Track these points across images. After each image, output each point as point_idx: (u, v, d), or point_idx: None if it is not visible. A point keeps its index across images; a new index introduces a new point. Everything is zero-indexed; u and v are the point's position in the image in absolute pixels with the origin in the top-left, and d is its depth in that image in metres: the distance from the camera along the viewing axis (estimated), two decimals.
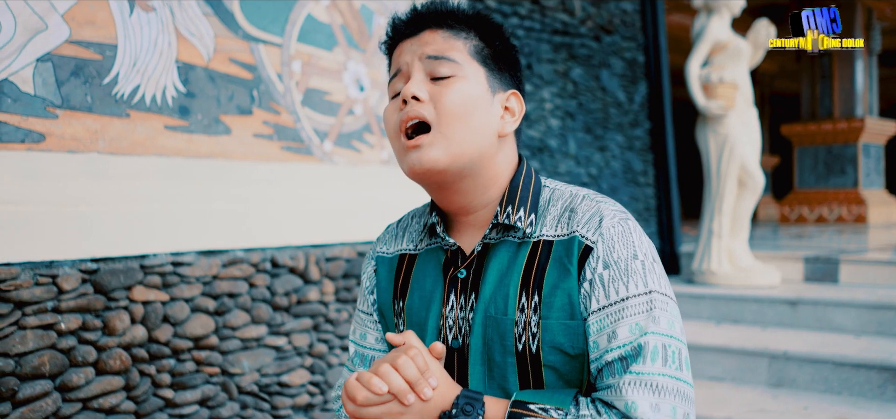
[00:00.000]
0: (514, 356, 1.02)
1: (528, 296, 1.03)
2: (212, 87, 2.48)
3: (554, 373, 1.02)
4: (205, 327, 2.33)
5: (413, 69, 1.07)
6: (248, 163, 2.57)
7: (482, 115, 1.06)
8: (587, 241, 1.02)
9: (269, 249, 2.56)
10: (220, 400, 2.37)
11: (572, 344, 1.01)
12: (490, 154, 1.08)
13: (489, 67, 1.09)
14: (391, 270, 1.20)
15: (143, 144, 2.29)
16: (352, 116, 2.98)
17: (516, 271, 1.05)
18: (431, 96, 1.05)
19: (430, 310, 1.11)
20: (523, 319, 1.02)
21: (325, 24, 2.89)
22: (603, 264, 1.00)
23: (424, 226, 1.16)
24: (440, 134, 1.03)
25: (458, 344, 1.07)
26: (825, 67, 9.48)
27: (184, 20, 2.40)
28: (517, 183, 1.10)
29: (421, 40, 1.08)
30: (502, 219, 1.07)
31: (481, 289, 1.06)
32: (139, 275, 2.18)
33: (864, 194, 9.10)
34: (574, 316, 1.00)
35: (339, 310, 2.78)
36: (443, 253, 1.13)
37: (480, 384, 1.05)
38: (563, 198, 1.09)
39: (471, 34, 1.09)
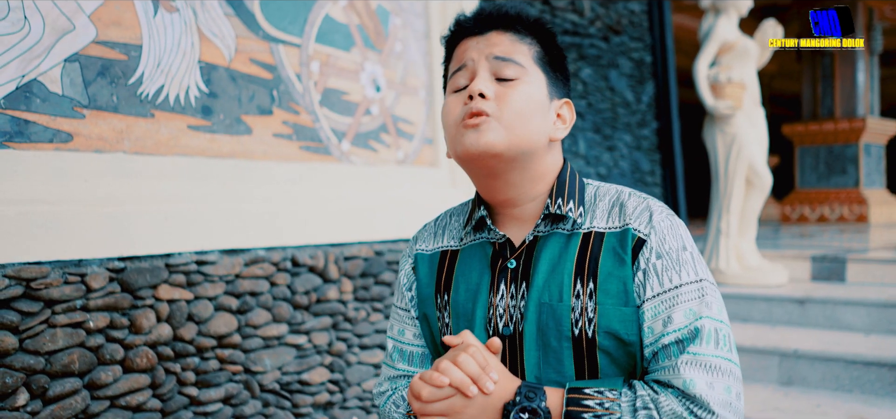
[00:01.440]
0: (570, 341, 1.07)
1: (583, 283, 1.07)
2: (233, 88, 2.49)
3: (607, 357, 1.07)
4: (228, 326, 2.35)
5: (479, 67, 1.11)
6: (269, 162, 2.58)
7: (538, 118, 1.11)
8: (640, 234, 1.07)
9: (289, 248, 2.58)
10: (243, 398, 2.39)
11: (626, 330, 1.05)
12: (540, 155, 1.13)
13: (548, 74, 1.14)
14: (433, 266, 1.23)
15: (166, 144, 2.30)
16: (369, 116, 2.99)
17: (569, 260, 1.09)
18: (496, 95, 1.09)
19: (477, 301, 1.14)
20: (579, 305, 1.06)
21: (343, 25, 2.91)
22: (656, 254, 1.06)
23: (468, 220, 1.20)
24: (501, 122, 1.07)
25: (510, 331, 1.11)
26: (826, 67, 9.51)
27: (206, 21, 2.42)
28: (564, 178, 1.16)
29: (488, 40, 1.12)
30: (554, 210, 1.11)
31: (534, 278, 1.10)
32: (164, 273, 2.19)
33: (865, 194, 9.13)
34: (628, 303, 1.05)
35: (358, 309, 2.79)
36: (490, 246, 1.17)
37: (536, 369, 1.09)
38: (610, 194, 1.15)
39: (534, 40, 1.14)
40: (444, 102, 1.16)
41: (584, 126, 4.21)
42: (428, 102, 3.28)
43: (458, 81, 1.14)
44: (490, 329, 1.12)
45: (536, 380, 1.08)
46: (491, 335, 1.11)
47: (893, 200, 9.74)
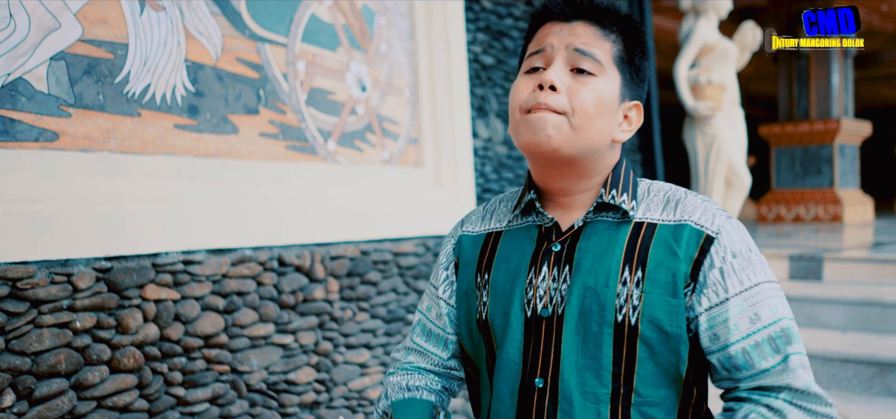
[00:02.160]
0: (611, 327, 1.07)
1: (631, 270, 1.08)
2: (220, 87, 2.48)
3: (648, 349, 1.07)
4: (215, 325, 2.34)
5: (557, 55, 1.11)
6: (255, 162, 2.58)
7: (606, 118, 1.11)
8: (708, 231, 1.08)
9: (275, 248, 2.57)
10: (230, 398, 2.38)
11: (671, 321, 1.06)
12: (601, 153, 1.13)
13: (624, 75, 1.14)
14: (476, 247, 1.25)
15: (153, 143, 2.29)
16: (354, 116, 3.00)
17: (618, 247, 1.10)
18: (568, 89, 1.08)
19: (516, 281, 1.16)
20: (625, 292, 1.07)
21: (329, 25, 2.91)
22: (731, 253, 1.07)
23: (517, 204, 1.22)
24: (568, 122, 1.07)
25: (548, 313, 1.11)
26: (802, 69, 9.65)
27: (192, 19, 2.41)
28: (619, 172, 1.16)
29: (572, 29, 1.12)
30: (607, 199, 1.12)
31: (579, 262, 1.11)
32: (151, 273, 2.18)
33: (839, 194, 9.27)
34: (676, 294, 1.06)
35: (344, 309, 2.80)
36: (536, 229, 1.18)
37: (574, 353, 1.09)
38: (664, 189, 1.16)
39: (618, 38, 1.13)
40: (515, 80, 1.15)
41: None
42: (412, 102, 3.29)
43: (533, 62, 1.13)
44: (528, 309, 1.12)
45: (573, 366, 1.09)
46: (528, 315, 1.12)
47: (867, 200, 9.91)
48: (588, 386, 1.07)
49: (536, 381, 1.10)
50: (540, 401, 1.10)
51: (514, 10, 3.87)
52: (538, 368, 1.11)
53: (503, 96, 3.76)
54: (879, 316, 3.95)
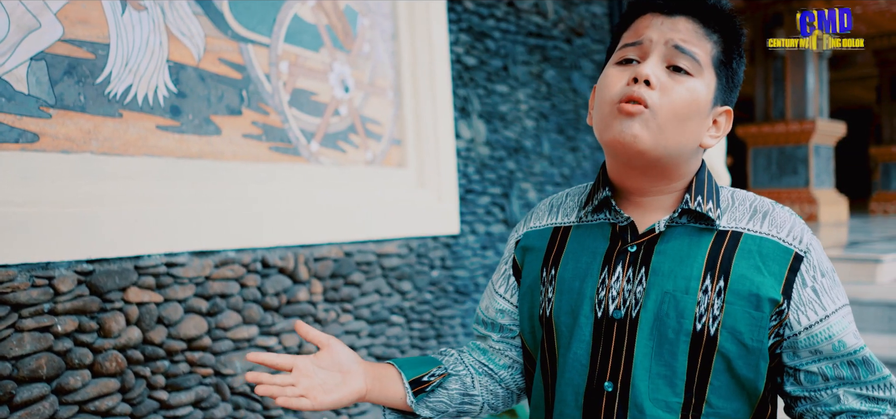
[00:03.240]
0: (689, 336, 1.04)
1: (713, 279, 1.04)
2: (202, 87, 2.46)
3: (725, 362, 1.04)
4: (198, 328, 2.32)
5: (654, 49, 1.06)
6: (238, 163, 2.56)
7: (696, 122, 1.07)
8: (797, 249, 1.06)
9: (259, 250, 2.56)
10: (214, 401, 2.36)
11: (752, 335, 1.03)
12: (686, 157, 1.09)
13: (721, 78, 1.09)
14: (543, 241, 1.22)
15: (135, 144, 2.26)
16: (337, 117, 2.99)
17: (701, 254, 1.06)
18: (662, 85, 1.04)
19: (585, 279, 1.12)
20: (706, 300, 1.04)
21: (311, 25, 2.90)
22: (820, 273, 1.06)
23: (588, 199, 1.18)
24: (656, 121, 1.03)
25: (621, 315, 1.08)
26: (778, 70, 9.76)
27: (174, 19, 2.39)
28: (703, 177, 1.12)
29: (673, 24, 1.07)
30: (694, 207, 1.08)
31: (658, 266, 1.07)
32: (133, 276, 2.16)
33: (815, 193, 9.39)
34: (759, 307, 1.03)
35: (328, 310, 2.79)
36: (609, 227, 1.14)
37: (647, 359, 1.06)
38: (749, 198, 1.13)
39: (720, 38, 1.08)
40: (604, 71, 1.11)
41: (548, 127, 4.26)
42: (395, 103, 3.29)
43: (626, 53, 1.09)
44: (599, 309, 1.09)
45: (645, 371, 1.05)
46: (599, 316, 1.09)
47: (842, 200, 10.05)
48: (660, 393, 1.05)
49: (606, 385, 1.08)
50: (609, 405, 1.07)
51: (496, 11, 3.88)
52: (608, 371, 1.08)
53: (486, 97, 3.76)
54: (855, 314, 4.01)
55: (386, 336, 3.06)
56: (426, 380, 1.23)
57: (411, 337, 3.20)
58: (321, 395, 1.08)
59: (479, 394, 1.31)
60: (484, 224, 3.71)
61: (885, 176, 12.59)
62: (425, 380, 1.23)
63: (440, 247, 3.39)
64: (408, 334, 3.18)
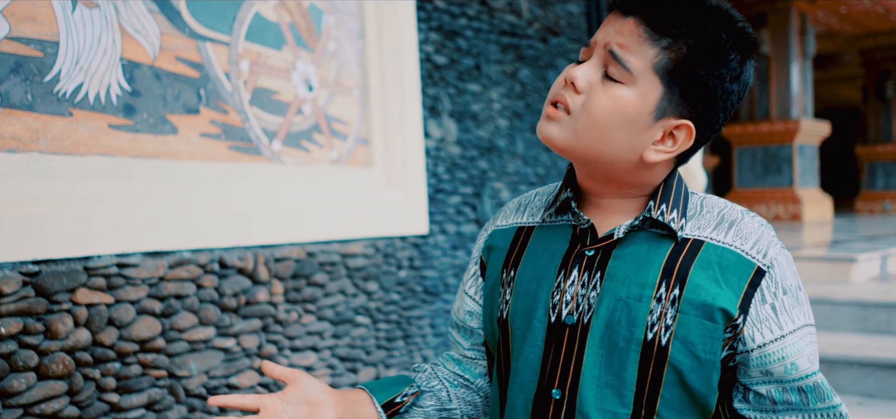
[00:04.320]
0: (639, 345, 1.00)
1: (668, 287, 1.00)
2: (158, 86, 2.43)
3: (676, 374, 1.00)
4: (151, 329, 2.29)
5: (596, 53, 1.03)
6: (196, 162, 2.53)
7: (625, 133, 1.00)
8: (759, 263, 1.01)
9: (216, 250, 2.53)
10: (167, 403, 2.34)
11: (705, 347, 0.99)
12: (627, 168, 1.04)
13: (671, 88, 0.99)
14: (506, 240, 1.19)
15: (86, 144, 2.24)
16: (301, 116, 2.96)
17: (658, 261, 1.02)
18: (589, 89, 1.01)
19: (542, 282, 1.09)
20: (659, 309, 1.00)
21: (274, 23, 2.87)
22: (782, 290, 1.01)
23: (554, 201, 1.14)
24: (572, 126, 1.01)
25: (573, 320, 1.05)
26: (762, 70, 9.77)
27: (129, 17, 2.36)
28: (671, 184, 1.07)
29: (620, 27, 1.00)
30: (656, 215, 1.04)
31: (614, 271, 1.04)
32: (83, 277, 2.13)
33: (799, 193, 9.41)
34: (713, 318, 0.99)
35: (289, 311, 2.76)
36: (570, 229, 1.11)
37: (596, 367, 1.02)
38: (718, 206, 1.08)
39: (678, 45, 0.98)
40: None
41: (522, 127, 4.24)
42: (362, 102, 3.26)
43: (581, 53, 1.06)
44: (553, 314, 1.06)
45: (594, 380, 1.02)
46: (552, 321, 1.06)
47: (826, 199, 10.07)
48: (607, 403, 1.01)
49: (553, 392, 1.05)
50: (555, 413, 1.04)
51: (468, 9, 3.86)
52: (557, 378, 1.05)
53: (457, 96, 3.74)
54: (828, 313, 4.01)
55: (351, 337, 3.04)
56: (399, 402, 1.20)
57: (377, 337, 3.18)
58: None
59: (456, 407, 1.28)
60: (454, 224, 3.69)
61: (871, 175, 12.63)
62: (398, 402, 1.20)
63: (408, 247, 3.36)
64: (374, 335, 3.16)
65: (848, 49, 13.07)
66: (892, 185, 12.38)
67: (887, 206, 12.26)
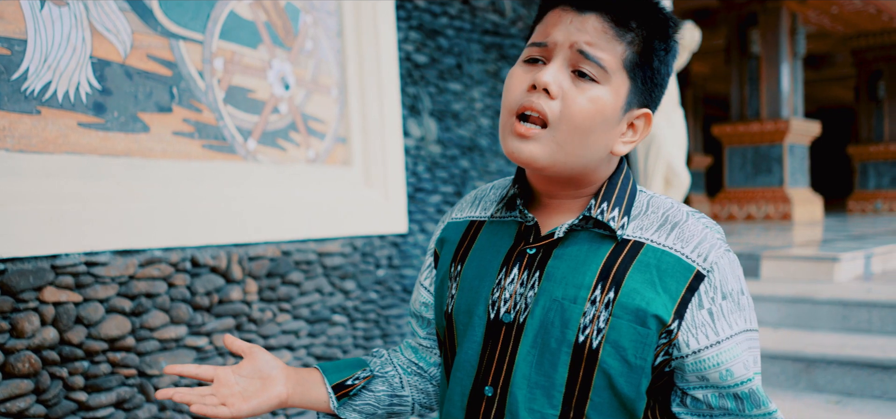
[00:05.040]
0: (571, 346, 0.99)
1: (603, 290, 0.99)
2: (129, 84, 2.43)
3: (606, 379, 0.99)
4: (120, 328, 2.29)
5: (558, 53, 0.99)
6: (168, 161, 2.53)
7: (602, 131, 1.00)
8: (699, 267, 0.99)
9: (188, 249, 2.53)
10: (137, 402, 2.33)
11: (636, 352, 0.98)
12: (595, 166, 1.04)
13: (636, 81, 1.00)
14: (458, 234, 1.19)
15: (54, 142, 2.23)
16: (277, 115, 2.96)
17: (596, 262, 1.01)
18: (564, 94, 0.97)
19: (484, 278, 1.08)
20: (592, 311, 0.99)
21: (249, 22, 2.87)
22: (722, 295, 0.99)
23: (503, 197, 1.13)
24: (553, 138, 0.97)
25: (510, 318, 1.04)
26: (753, 70, 9.79)
27: (99, 16, 2.35)
28: (615, 182, 1.06)
29: (582, 24, 0.98)
30: (596, 215, 1.02)
31: (552, 271, 1.02)
32: (50, 275, 2.13)
33: (789, 193, 9.43)
34: (645, 324, 0.97)
35: (263, 310, 2.76)
36: (516, 226, 1.10)
37: (527, 367, 1.02)
38: (664, 206, 1.05)
39: (638, 36, 0.99)
40: (511, 70, 1.03)
41: None
42: (340, 101, 3.26)
43: (531, 53, 1.01)
44: (492, 311, 1.06)
45: (524, 380, 1.02)
46: (492, 318, 1.05)
47: (816, 199, 10.09)
48: (536, 404, 1.01)
49: (486, 389, 1.05)
50: (487, 410, 1.04)
51: (450, 8, 3.86)
52: (490, 376, 1.05)
53: (437, 95, 3.74)
54: (810, 312, 4.01)
55: (327, 335, 3.04)
56: (350, 384, 1.20)
57: (355, 336, 3.18)
58: (240, 403, 1.06)
59: (408, 395, 1.29)
60: (435, 222, 3.69)
61: (863, 175, 12.65)
62: (349, 384, 1.20)
63: (387, 246, 3.36)
64: (351, 334, 3.16)
65: (840, 49, 13.10)
66: (884, 185, 12.40)
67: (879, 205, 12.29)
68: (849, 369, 3.41)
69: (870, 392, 3.36)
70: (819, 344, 3.63)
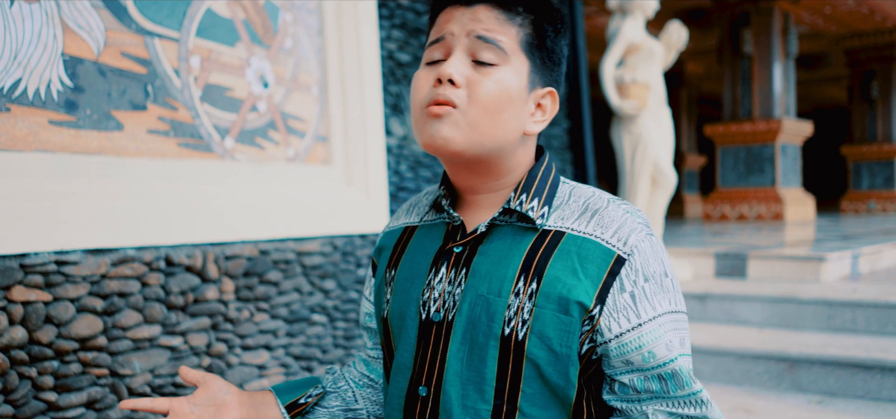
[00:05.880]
0: (498, 340, 1.00)
1: (526, 281, 1.00)
2: (102, 82, 2.41)
3: (535, 369, 1.00)
4: (91, 328, 2.27)
5: (457, 45, 1.02)
6: (142, 159, 2.51)
7: (512, 111, 1.02)
8: (619, 252, 1.00)
9: (162, 247, 2.51)
10: (109, 402, 2.31)
11: (561, 341, 0.98)
12: (511, 148, 1.05)
13: (534, 61, 1.05)
14: (392, 240, 1.21)
15: (24, 140, 2.21)
16: (255, 113, 2.94)
17: (518, 255, 1.02)
18: (468, 81, 1.00)
19: (415, 280, 1.10)
20: (516, 303, 0.99)
21: (227, 20, 2.85)
22: (643, 277, 1.00)
23: (433, 200, 1.15)
24: (465, 120, 1.00)
25: (439, 318, 1.05)
26: (745, 70, 9.79)
27: (71, 12, 2.34)
28: (536, 173, 1.08)
29: (473, 14, 1.02)
30: (515, 206, 1.04)
31: (477, 267, 1.04)
32: (19, 274, 2.11)
33: (781, 192, 9.42)
34: (568, 312, 0.98)
35: (240, 309, 2.74)
36: (444, 227, 1.12)
37: (458, 364, 1.03)
38: (585, 195, 1.07)
39: (526, 19, 1.03)
40: (415, 75, 1.07)
41: None
42: (321, 99, 3.24)
43: (432, 54, 1.05)
44: (423, 312, 1.07)
45: (456, 377, 1.03)
46: (423, 318, 1.07)
47: (808, 199, 10.08)
48: (469, 400, 1.01)
49: (420, 389, 1.06)
50: (422, 410, 1.05)
51: None
52: (424, 376, 1.06)
53: None
54: (795, 312, 4.00)
55: (306, 335, 3.02)
56: (302, 403, 1.22)
57: (335, 336, 3.16)
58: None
59: (362, 407, 1.30)
60: None
61: (856, 175, 12.65)
62: (301, 403, 1.22)
63: (368, 246, 3.35)
64: (331, 333, 3.14)
65: (834, 49, 13.10)
66: (877, 185, 12.40)
67: (872, 205, 12.29)
68: (832, 369, 3.40)
69: (853, 392, 3.35)
70: (803, 343, 3.62)
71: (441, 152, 1.02)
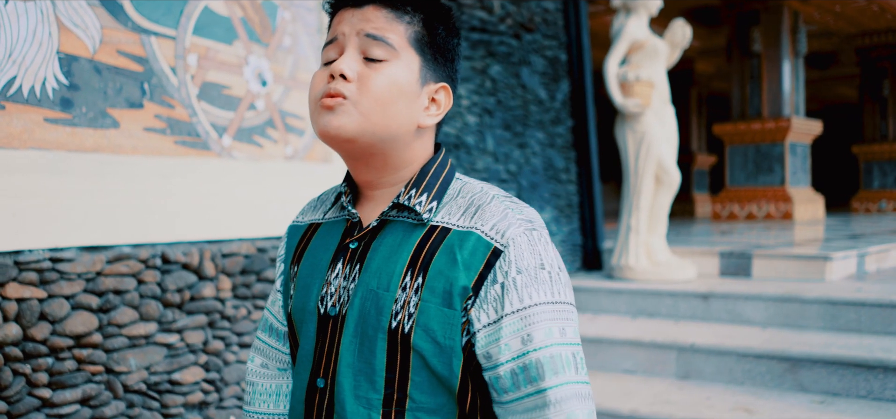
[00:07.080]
0: (386, 333, 1.03)
1: (412, 275, 1.03)
2: (98, 80, 2.42)
3: (421, 360, 1.03)
4: (86, 325, 2.28)
5: (348, 44, 1.07)
6: (138, 157, 2.52)
7: (404, 104, 1.06)
8: (496, 244, 1.02)
9: (159, 245, 2.51)
10: (104, 399, 2.32)
11: (445, 333, 1.02)
12: (405, 141, 1.09)
13: (425, 56, 1.09)
14: (297, 237, 1.23)
15: (19, 137, 2.22)
16: (253, 111, 2.94)
17: (406, 250, 1.06)
18: (360, 76, 1.04)
19: (314, 276, 1.13)
20: (403, 298, 1.03)
21: (225, 18, 2.85)
22: (516, 269, 1.02)
23: (336, 197, 1.19)
24: (357, 109, 1.04)
25: (335, 311, 1.09)
26: (754, 68, 9.72)
27: (67, 10, 2.35)
28: (428, 169, 1.11)
29: (363, 15, 1.07)
30: (404, 200, 1.08)
31: (368, 263, 1.07)
32: (13, 271, 2.12)
33: (790, 192, 9.35)
34: (451, 305, 1.01)
35: (237, 307, 2.74)
36: (344, 223, 1.15)
37: (351, 356, 1.06)
38: (473, 192, 1.10)
39: (415, 18, 1.08)
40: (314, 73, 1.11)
41: (492, 123, 4.22)
42: None
43: (328, 55, 1.09)
44: (321, 306, 1.10)
45: (349, 368, 1.06)
46: (322, 313, 1.10)
47: (818, 198, 10.01)
48: (361, 390, 1.05)
49: (318, 381, 1.09)
50: (321, 400, 1.09)
51: None
52: (321, 368, 1.09)
53: None
54: (798, 312, 3.96)
55: None
56: None
57: None
58: None
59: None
60: None
61: (868, 174, 12.54)
62: None
63: None
64: None
65: (845, 48, 13.00)
66: (889, 185, 12.30)
67: (883, 205, 12.19)
68: (835, 369, 3.36)
69: (855, 392, 3.31)
70: (806, 343, 3.58)
71: (334, 140, 1.06)
